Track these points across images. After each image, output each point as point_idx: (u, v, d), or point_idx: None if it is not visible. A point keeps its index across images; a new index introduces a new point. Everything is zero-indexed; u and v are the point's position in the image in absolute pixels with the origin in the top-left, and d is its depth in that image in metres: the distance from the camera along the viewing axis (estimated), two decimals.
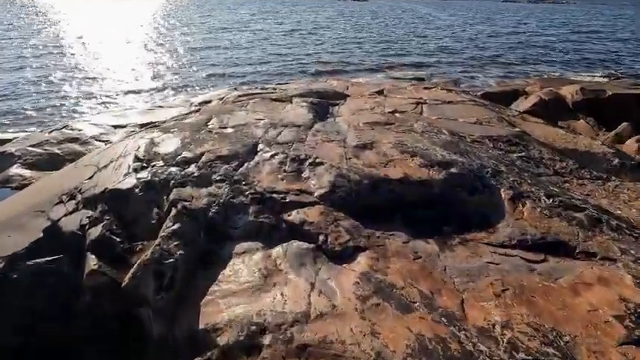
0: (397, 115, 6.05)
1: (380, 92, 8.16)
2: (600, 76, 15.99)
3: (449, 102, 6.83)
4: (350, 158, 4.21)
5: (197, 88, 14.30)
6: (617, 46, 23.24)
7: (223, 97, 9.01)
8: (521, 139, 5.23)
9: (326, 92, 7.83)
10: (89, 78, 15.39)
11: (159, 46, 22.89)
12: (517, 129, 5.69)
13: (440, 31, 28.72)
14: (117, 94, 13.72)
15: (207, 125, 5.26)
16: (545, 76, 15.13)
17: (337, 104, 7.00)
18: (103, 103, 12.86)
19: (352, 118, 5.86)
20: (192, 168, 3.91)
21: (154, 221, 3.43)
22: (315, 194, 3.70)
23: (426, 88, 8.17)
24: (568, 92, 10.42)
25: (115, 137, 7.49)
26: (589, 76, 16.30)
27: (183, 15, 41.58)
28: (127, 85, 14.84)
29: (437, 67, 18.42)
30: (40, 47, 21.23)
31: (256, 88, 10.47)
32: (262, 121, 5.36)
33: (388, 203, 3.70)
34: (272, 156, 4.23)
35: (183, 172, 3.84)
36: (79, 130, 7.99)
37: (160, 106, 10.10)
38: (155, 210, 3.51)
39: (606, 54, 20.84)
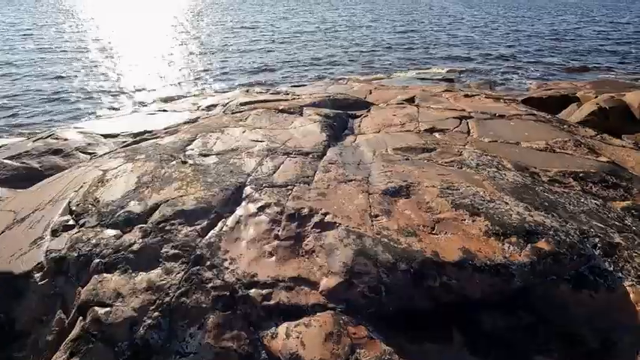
0: (437, 135, 4.46)
1: (410, 100, 6.54)
2: None
3: (501, 116, 5.18)
4: (377, 216, 2.69)
5: (210, 87, 12.98)
6: None
7: (228, 103, 7.60)
8: (618, 176, 3.59)
9: (345, 100, 6.28)
10: (98, 75, 14.28)
11: (175, 45, 21.73)
12: (603, 158, 4.04)
13: (463, 26, 26.46)
14: (127, 93, 12.53)
15: (186, 150, 3.82)
16: (597, 79, 13.06)
17: (358, 116, 5.47)
18: (110, 102, 11.68)
19: (378, 139, 4.31)
20: (134, 233, 2.46)
21: (50, 337, 2.01)
22: (322, 288, 2.21)
23: (467, 96, 6.50)
24: (634, 99, 8.50)
25: (102, 149, 6.19)
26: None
27: (206, 13, 40.53)
28: (137, 83, 13.65)
29: (465, 66, 16.50)
30: (52, 44, 20.37)
31: (267, 91, 9.02)
32: (259, 145, 3.88)
33: (439, 307, 2.18)
34: (260, 209, 2.75)
35: (118, 242, 2.40)
36: (65, 140, 6.71)
37: (164, 110, 8.78)
38: (59, 314, 2.08)
39: None
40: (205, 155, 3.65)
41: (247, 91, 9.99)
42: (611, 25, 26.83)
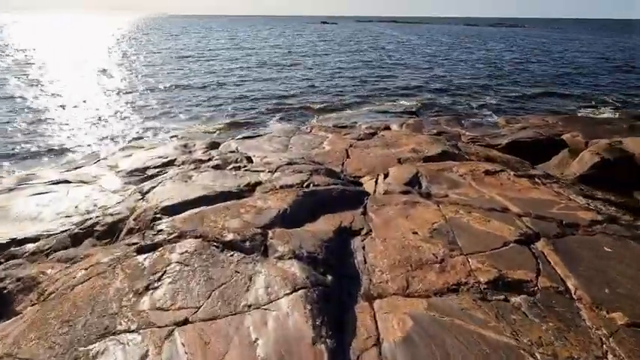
0: (518, 302, 2.29)
1: (415, 180, 4.37)
2: (612, 111, 13.00)
3: (573, 226, 3.17)
4: None
5: (142, 133, 10.10)
6: (605, 74, 20.58)
7: (154, 176, 4.97)
8: None
9: (328, 191, 3.93)
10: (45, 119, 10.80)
11: (102, 81, 18.30)
12: None
13: (417, 57, 25.33)
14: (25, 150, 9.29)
15: None
16: (567, 115, 11.89)
17: (358, 232, 3.19)
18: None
19: (422, 337, 2.07)
20: None
21: None
22: None
23: (489, 174, 4.44)
24: (639, 149, 7.04)
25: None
26: (594, 110, 13.29)
27: (147, 41, 36.58)
28: (48, 134, 10.38)
29: (423, 97, 14.93)
30: None
31: (207, 150, 6.43)
32: None
33: None
34: None
35: None
36: None
37: (66, 181, 6.06)
38: None
39: (598, 83, 18.05)
40: None
41: (185, 145, 7.38)
42: (560, 56, 27.05)
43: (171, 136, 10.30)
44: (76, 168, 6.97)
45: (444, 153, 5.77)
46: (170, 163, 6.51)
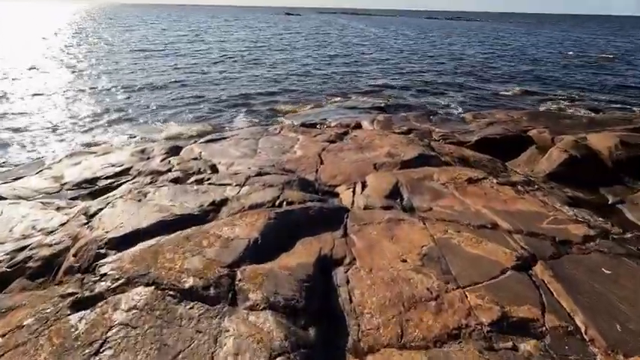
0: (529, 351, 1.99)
1: (395, 191, 4.01)
2: (568, 104, 13.34)
3: (567, 243, 2.92)
4: None
5: (96, 137, 9.15)
6: (541, 65, 21.22)
7: (105, 186, 4.32)
8: None
9: (304, 211, 3.45)
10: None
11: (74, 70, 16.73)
12: None
13: (382, 51, 25.00)
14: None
15: None
16: (530, 109, 12.03)
17: (340, 261, 2.78)
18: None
19: None
20: None
21: None
22: None
23: (471, 182, 4.15)
24: (602, 146, 7.10)
25: None
26: (553, 103, 13.61)
27: (104, 34, 34.05)
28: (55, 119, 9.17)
29: (389, 93, 14.73)
30: None
31: (167, 157, 5.76)
32: None
33: None
34: None
35: None
36: None
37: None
38: None
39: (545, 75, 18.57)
40: None
41: (143, 151, 6.66)
42: (520, 50, 27.54)
43: (129, 137, 9.42)
44: (14, 179, 6.08)
45: (421, 156, 5.46)
46: (125, 172, 5.81)
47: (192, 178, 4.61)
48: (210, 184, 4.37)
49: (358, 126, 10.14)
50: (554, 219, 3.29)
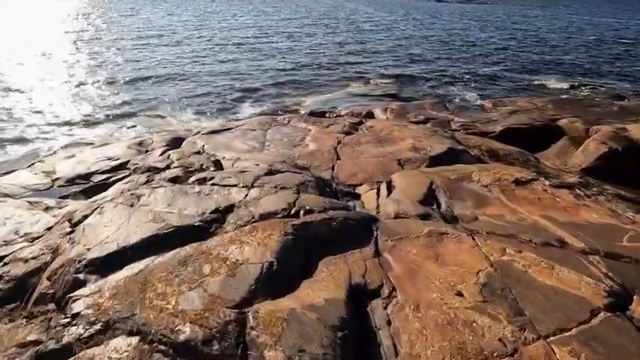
0: None
1: (430, 194, 3.36)
2: (590, 90, 12.47)
3: None
4: None
5: (87, 124, 8.54)
6: (566, 51, 20.08)
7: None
8: None
9: (325, 222, 2.75)
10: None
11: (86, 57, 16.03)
12: None
13: (392, 35, 23.81)
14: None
15: None
16: (554, 97, 11.20)
17: (377, 291, 2.18)
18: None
19: None
20: None
21: None
22: None
23: (519, 184, 3.47)
24: None
25: None
26: (574, 90, 12.74)
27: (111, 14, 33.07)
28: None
29: (402, 79, 13.89)
30: None
31: (166, 152, 5.12)
32: None
33: None
34: None
35: None
36: None
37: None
38: None
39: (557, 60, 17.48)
40: None
41: (141, 143, 6.05)
42: (535, 35, 26.23)
43: (129, 128, 8.80)
44: (3, 174, 5.49)
45: (450, 151, 4.80)
46: (121, 167, 5.21)
47: (194, 177, 3.98)
48: (213, 184, 3.74)
49: (370, 115, 9.41)
50: (636, 234, 2.64)
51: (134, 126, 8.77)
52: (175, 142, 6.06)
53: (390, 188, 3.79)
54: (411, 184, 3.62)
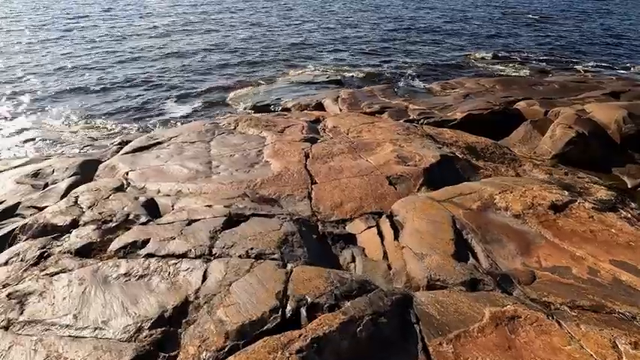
0: None
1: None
2: (520, 66, 12.61)
3: None
4: None
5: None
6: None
7: None
8: None
9: (347, 336, 1.74)
10: None
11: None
12: None
13: (325, 18, 22.32)
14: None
15: None
16: (497, 76, 11.00)
17: None
18: None
19: None
20: None
21: None
22: None
23: (560, 209, 2.70)
24: (609, 120, 6.17)
25: None
26: (505, 67, 12.83)
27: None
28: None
29: (342, 62, 12.92)
30: None
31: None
32: None
33: None
34: None
35: None
36: None
37: None
38: None
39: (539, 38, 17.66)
40: None
41: (37, 174, 4.37)
42: (458, 10, 26.17)
43: (23, 143, 6.77)
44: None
45: (445, 160, 3.93)
46: (5, 216, 3.62)
47: (117, 243, 2.61)
48: (148, 254, 2.43)
49: (320, 106, 8.35)
50: None
51: (31, 140, 6.74)
52: (86, 169, 4.45)
53: (394, 227, 2.82)
54: (426, 223, 2.66)
